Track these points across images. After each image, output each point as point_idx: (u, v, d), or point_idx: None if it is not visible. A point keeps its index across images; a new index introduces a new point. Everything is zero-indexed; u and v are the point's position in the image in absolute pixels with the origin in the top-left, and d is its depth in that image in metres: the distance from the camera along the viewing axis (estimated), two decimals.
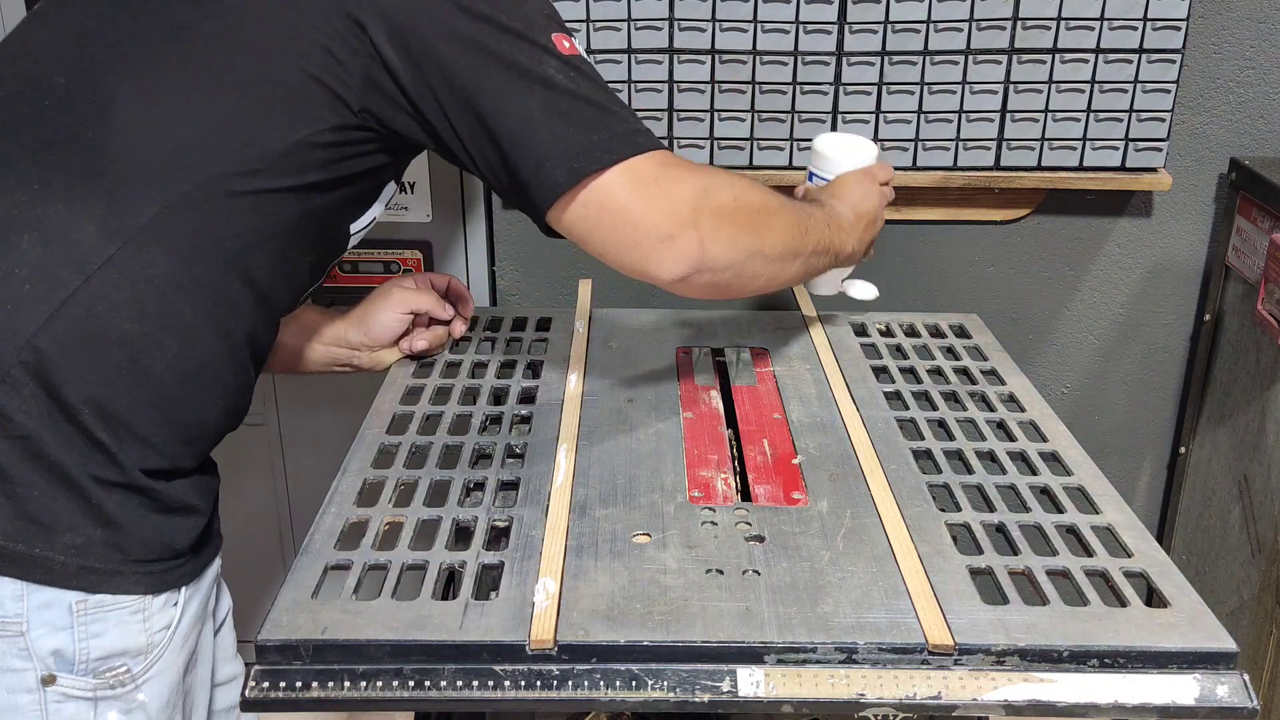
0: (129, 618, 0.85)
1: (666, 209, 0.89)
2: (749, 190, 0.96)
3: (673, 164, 0.91)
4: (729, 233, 0.93)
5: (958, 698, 0.80)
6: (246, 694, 0.81)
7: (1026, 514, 0.99)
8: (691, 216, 0.89)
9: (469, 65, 0.87)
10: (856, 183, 1.19)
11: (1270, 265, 1.46)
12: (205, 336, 0.88)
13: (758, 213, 0.96)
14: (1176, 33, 1.49)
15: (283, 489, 1.81)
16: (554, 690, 0.80)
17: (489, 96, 0.87)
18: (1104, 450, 1.78)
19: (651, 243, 0.89)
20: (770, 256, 0.98)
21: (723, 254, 0.92)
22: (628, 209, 0.89)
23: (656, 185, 0.89)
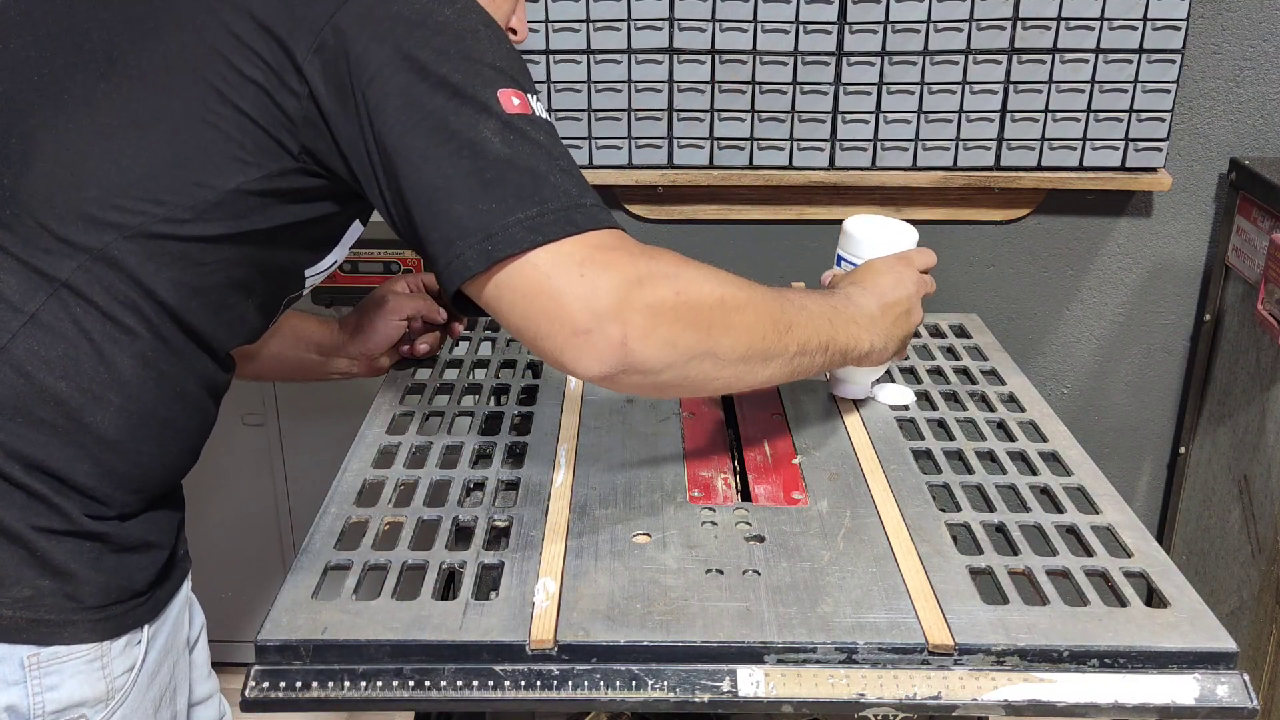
0: (86, 667, 0.82)
1: (586, 300, 0.75)
2: (703, 281, 0.82)
3: (608, 247, 0.78)
4: (665, 331, 0.78)
5: (958, 698, 0.80)
6: (246, 694, 0.81)
7: (1026, 514, 0.99)
8: (615, 310, 0.76)
9: (394, 120, 0.77)
10: (888, 269, 1.04)
11: (1270, 265, 1.46)
12: (149, 387, 0.83)
13: (711, 309, 0.81)
14: (1176, 33, 1.49)
15: (283, 489, 1.81)
16: (554, 690, 0.80)
17: (408, 159, 0.77)
18: (1104, 450, 1.78)
19: (565, 336, 0.76)
20: (726, 359, 0.83)
21: (655, 355, 0.78)
22: (542, 297, 0.76)
23: (579, 271, 0.76)
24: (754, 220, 1.65)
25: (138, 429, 0.83)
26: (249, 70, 0.79)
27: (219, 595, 1.84)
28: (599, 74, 1.53)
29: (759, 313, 0.85)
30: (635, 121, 1.56)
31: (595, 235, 0.78)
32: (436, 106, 0.77)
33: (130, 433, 0.83)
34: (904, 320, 1.03)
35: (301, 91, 0.79)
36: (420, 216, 0.78)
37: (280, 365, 1.22)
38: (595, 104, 1.54)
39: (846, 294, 1.00)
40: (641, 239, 1.79)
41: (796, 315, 0.89)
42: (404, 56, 0.77)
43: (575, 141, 1.57)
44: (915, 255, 1.08)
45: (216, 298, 0.85)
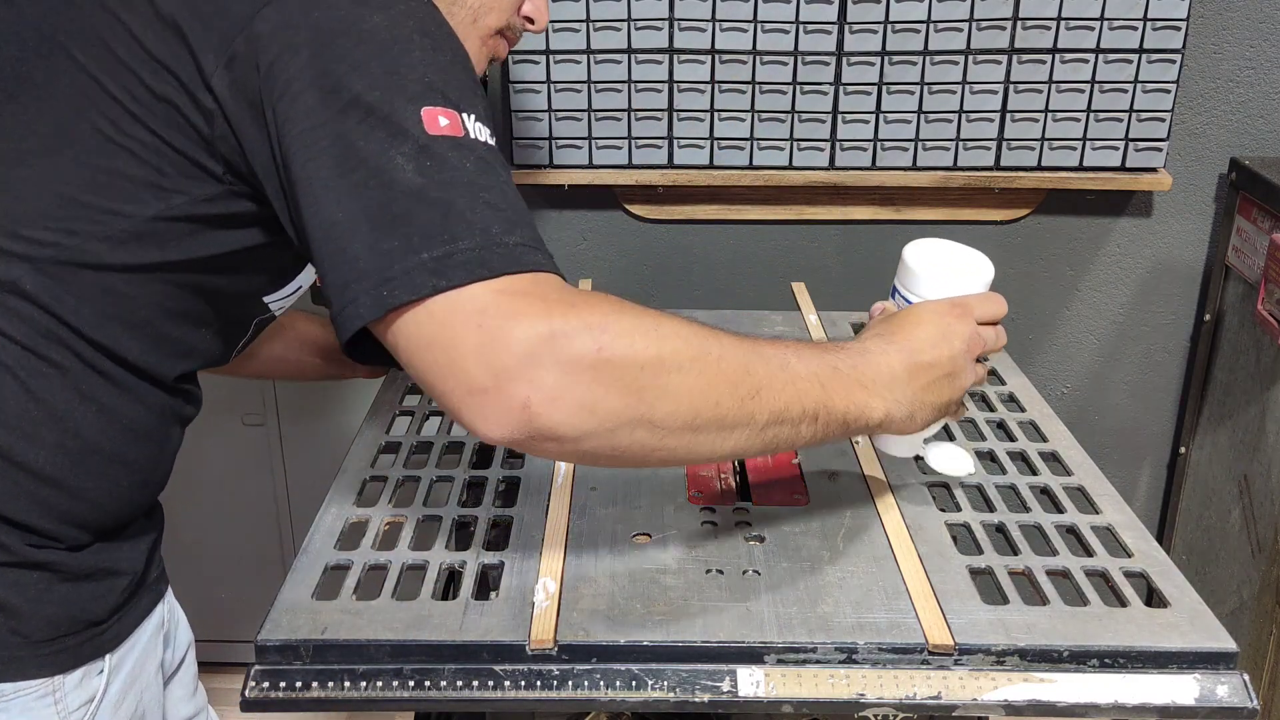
0: (36, 703, 0.77)
1: (486, 354, 0.65)
2: (635, 335, 0.68)
3: (522, 293, 0.66)
4: (581, 394, 0.66)
5: (958, 698, 0.80)
6: (246, 694, 0.81)
7: (1026, 514, 0.99)
8: (519, 367, 0.65)
9: (300, 143, 0.69)
10: (933, 318, 0.85)
11: (1270, 265, 1.46)
12: (89, 422, 0.78)
13: (642, 369, 0.68)
14: (1176, 33, 1.49)
15: (283, 489, 1.81)
16: (554, 690, 0.80)
17: (310, 189, 0.68)
18: (1104, 450, 1.78)
19: (461, 394, 0.66)
20: (667, 427, 0.70)
21: (568, 421, 0.66)
22: (436, 349, 0.66)
23: (482, 321, 0.65)
24: (754, 220, 1.65)
25: (79, 465, 0.78)
26: (159, 87, 0.72)
27: (219, 595, 1.84)
28: (599, 74, 1.53)
29: (710, 375, 0.71)
30: (635, 121, 1.56)
31: (510, 280, 0.67)
32: (346, 129, 0.68)
33: (71, 469, 0.78)
34: (943, 385, 0.83)
35: (213, 109, 0.72)
36: (318, 253, 0.69)
37: (281, 366, 1.21)
38: (595, 104, 1.54)
39: (862, 348, 0.82)
40: (642, 239, 1.78)
41: (770, 377, 0.75)
42: (318, 71, 0.69)
43: (575, 141, 1.57)
44: (977, 303, 0.87)
45: (156, 329, 0.80)
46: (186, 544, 1.80)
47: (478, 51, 0.93)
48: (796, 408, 0.75)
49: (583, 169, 1.58)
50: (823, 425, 0.77)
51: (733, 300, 1.68)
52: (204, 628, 1.83)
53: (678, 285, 1.68)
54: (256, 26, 0.70)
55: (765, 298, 1.68)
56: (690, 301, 1.67)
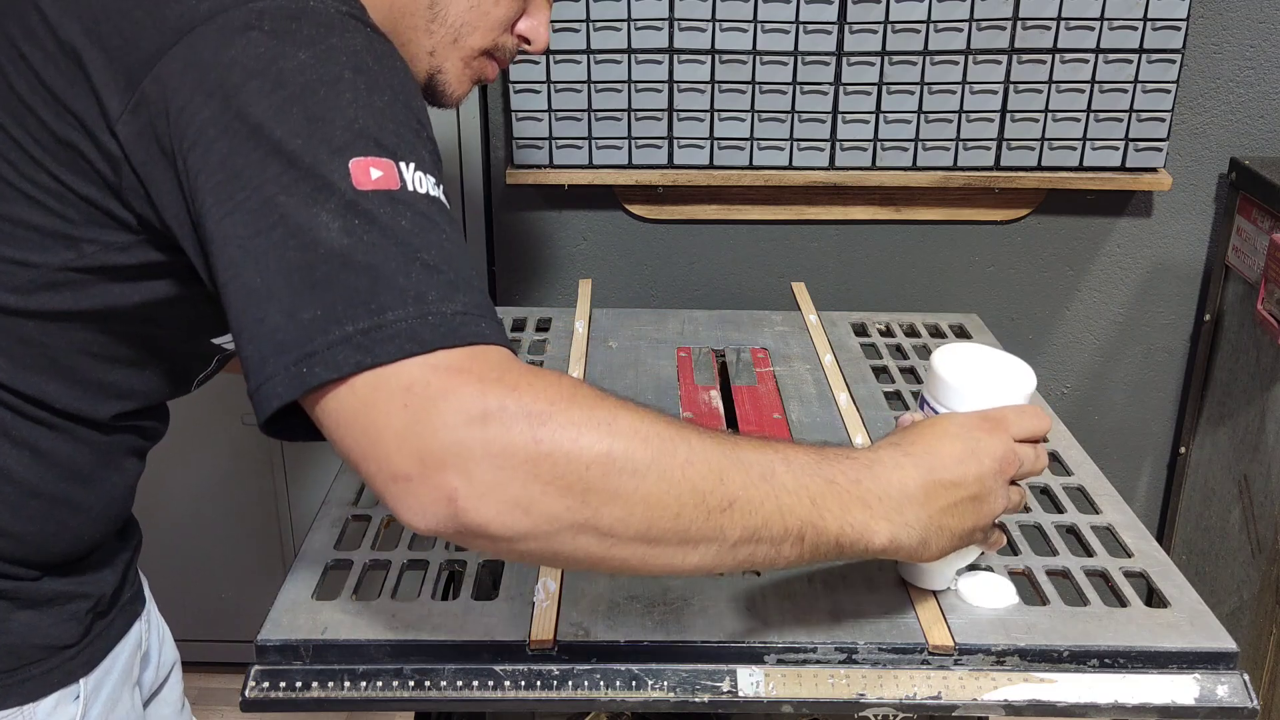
0: None
1: (410, 438, 0.58)
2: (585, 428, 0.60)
3: (456, 370, 0.59)
4: (516, 491, 0.59)
5: (958, 698, 0.80)
6: (246, 694, 0.81)
7: (1026, 514, 0.99)
8: (446, 455, 0.58)
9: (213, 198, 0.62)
10: (961, 432, 0.74)
11: (1270, 265, 1.46)
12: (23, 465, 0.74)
13: (588, 467, 0.60)
14: (1176, 33, 1.49)
15: (283, 489, 1.81)
16: (554, 690, 0.80)
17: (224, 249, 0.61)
18: (1104, 450, 1.78)
19: (385, 480, 0.59)
20: (617, 536, 0.62)
21: (498, 519, 0.59)
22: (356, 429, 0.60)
23: (407, 401, 0.58)
24: (754, 220, 1.65)
25: (18, 510, 0.74)
26: (61, 130, 0.66)
27: (219, 595, 1.84)
28: (599, 74, 1.53)
29: (672, 481, 0.62)
30: (635, 121, 1.56)
31: (444, 355, 0.59)
32: (264, 181, 0.61)
33: (10, 515, 0.74)
34: (966, 509, 0.73)
35: (119, 156, 0.65)
36: (234, 322, 0.62)
37: None
38: (595, 104, 1.54)
39: (872, 458, 0.72)
40: (642, 239, 1.78)
41: (748, 488, 0.65)
42: (234, 114, 0.61)
43: (575, 141, 1.57)
44: (1014, 416, 0.76)
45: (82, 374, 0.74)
46: (186, 544, 1.80)
47: (459, 73, 0.84)
48: (778, 526, 0.66)
49: (583, 169, 1.58)
50: (810, 547, 0.68)
51: (733, 300, 1.68)
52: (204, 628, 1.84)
53: (678, 285, 1.68)
54: (166, 66, 0.62)
55: (765, 298, 1.68)
56: (690, 301, 1.67)
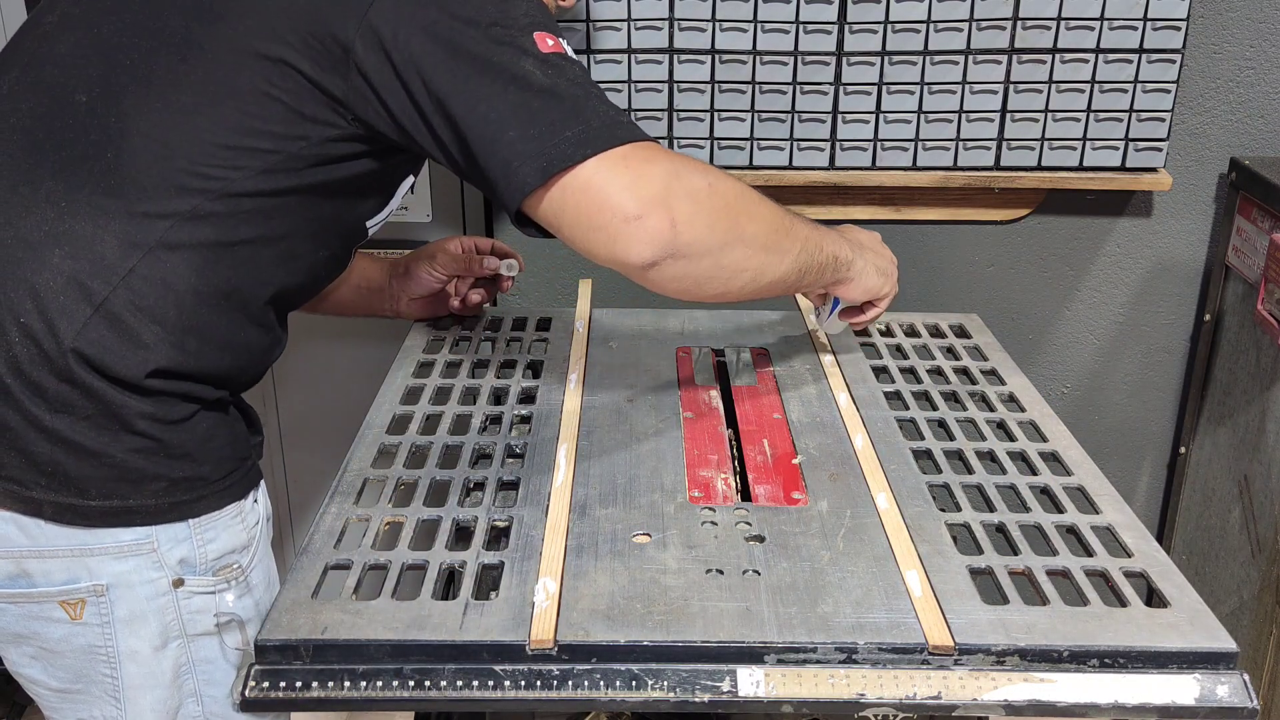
0: (232, 522, 0.98)
1: (634, 189, 0.86)
2: (725, 178, 0.94)
3: (647, 149, 0.89)
4: (705, 217, 0.90)
5: (958, 698, 0.80)
6: (246, 694, 0.81)
7: (1026, 514, 0.99)
8: (661, 196, 0.87)
9: (445, 69, 0.88)
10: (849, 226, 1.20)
11: (1270, 265, 1.46)
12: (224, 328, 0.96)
13: (736, 198, 0.93)
14: (1176, 33, 1.49)
15: (283, 489, 1.81)
16: (554, 690, 0.80)
17: (462, 100, 0.88)
18: (1104, 450, 1.78)
19: (618, 224, 0.86)
20: (753, 246, 0.95)
21: (698, 238, 0.89)
22: (592, 192, 0.87)
23: (625, 167, 0.87)
24: None
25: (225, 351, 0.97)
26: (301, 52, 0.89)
27: None
28: (599, 74, 1.53)
29: (768, 208, 0.98)
30: (635, 121, 1.56)
31: (635, 145, 0.88)
32: (480, 52, 0.88)
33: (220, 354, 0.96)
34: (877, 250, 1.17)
35: (350, 69, 0.89)
36: (479, 149, 0.88)
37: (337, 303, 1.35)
38: None
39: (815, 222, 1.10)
40: None
41: (792, 218, 1.02)
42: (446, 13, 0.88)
43: None
44: None
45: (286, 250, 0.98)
46: None
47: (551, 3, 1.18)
48: (813, 240, 1.04)
49: None
50: (825, 255, 1.06)
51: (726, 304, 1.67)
52: None
53: None
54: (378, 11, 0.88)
55: None
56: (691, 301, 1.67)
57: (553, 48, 0.90)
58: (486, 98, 0.87)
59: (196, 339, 0.93)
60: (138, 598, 0.94)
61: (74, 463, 0.90)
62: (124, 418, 0.91)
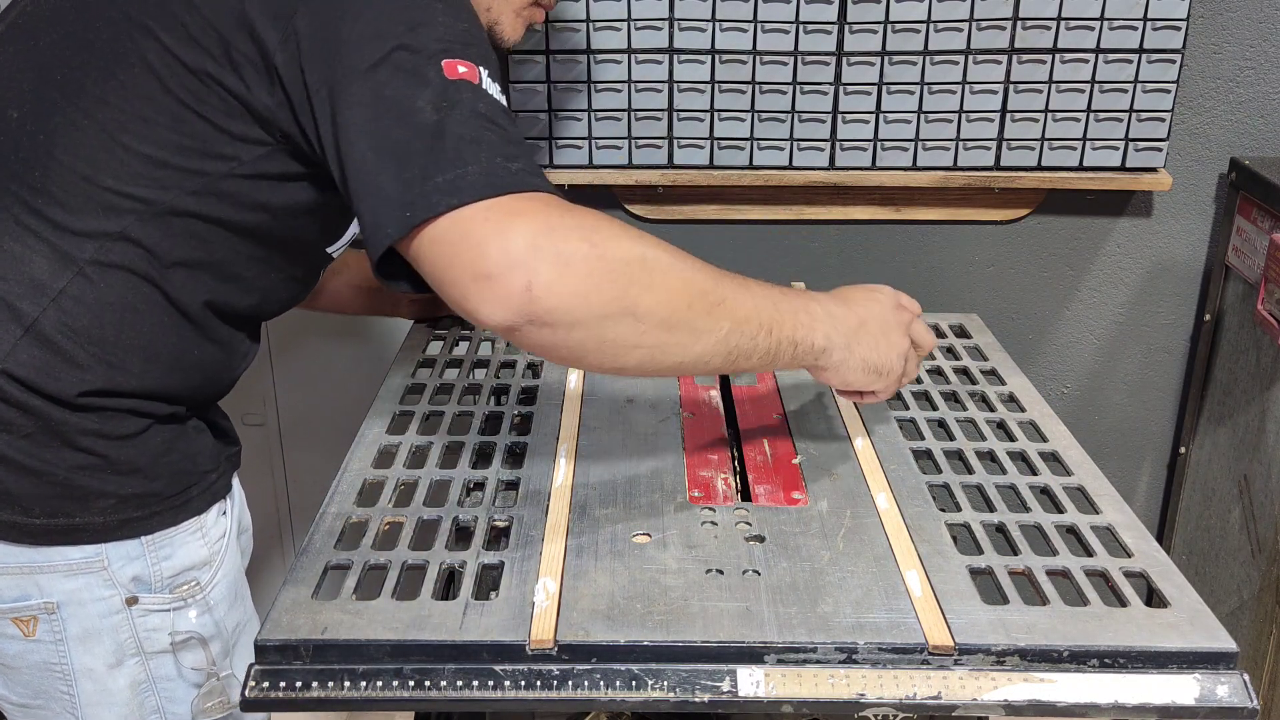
0: (190, 539, 0.96)
1: (490, 245, 0.75)
2: (624, 238, 0.80)
3: (526, 201, 0.78)
4: (576, 283, 0.77)
5: (958, 698, 0.80)
6: (246, 694, 0.81)
7: (1026, 514, 0.99)
8: (522, 256, 0.75)
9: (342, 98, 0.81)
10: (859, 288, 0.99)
11: (1270, 265, 1.46)
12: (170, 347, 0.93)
13: (629, 264, 0.79)
14: (1176, 33, 1.49)
15: (283, 489, 1.81)
16: (554, 690, 0.80)
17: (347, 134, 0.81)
18: (1104, 450, 1.78)
19: (467, 281, 0.76)
20: (647, 322, 0.80)
21: (562, 306, 0.76)
22: (446, 245, 0.77)
23: (486, 220, 0.76)
24: (754, 220, 1.65)
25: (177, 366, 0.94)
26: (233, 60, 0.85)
27: None
28: (599, 74, 1.53)
29: (685, 279, 0.83)
30: (635, 121, 1.56)
31: (516, 197, 0.77)
32: (378, 79, 0.80)
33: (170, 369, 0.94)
34: (878, 339, 0.96)
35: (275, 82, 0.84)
36: (353, 189, 0.81)
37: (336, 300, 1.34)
38: (595, 104, 1.54)
39: (803, 292, 0.96)
40: None
41: (733, 290, 0.86)
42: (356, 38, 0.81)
43: (575, 141, 1.57)
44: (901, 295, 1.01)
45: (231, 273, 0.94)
46: None
47: (513, 22, 1.08)
48: (754, 320, 0.87)
49: (583, 169, 1.58)
50: (775, 340, 0.89)
51: None
52: None
53: None
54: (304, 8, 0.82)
55: None
56: None
57: (462, 75, 0.81)
58: (370, 133, 0.79)
59: (140, 357, 0.91)
60: (90, 615, 0.93)
61: (15, 480, 0.88)
62: (65, 435, 0.88)
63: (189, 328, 0.94)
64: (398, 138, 0.78)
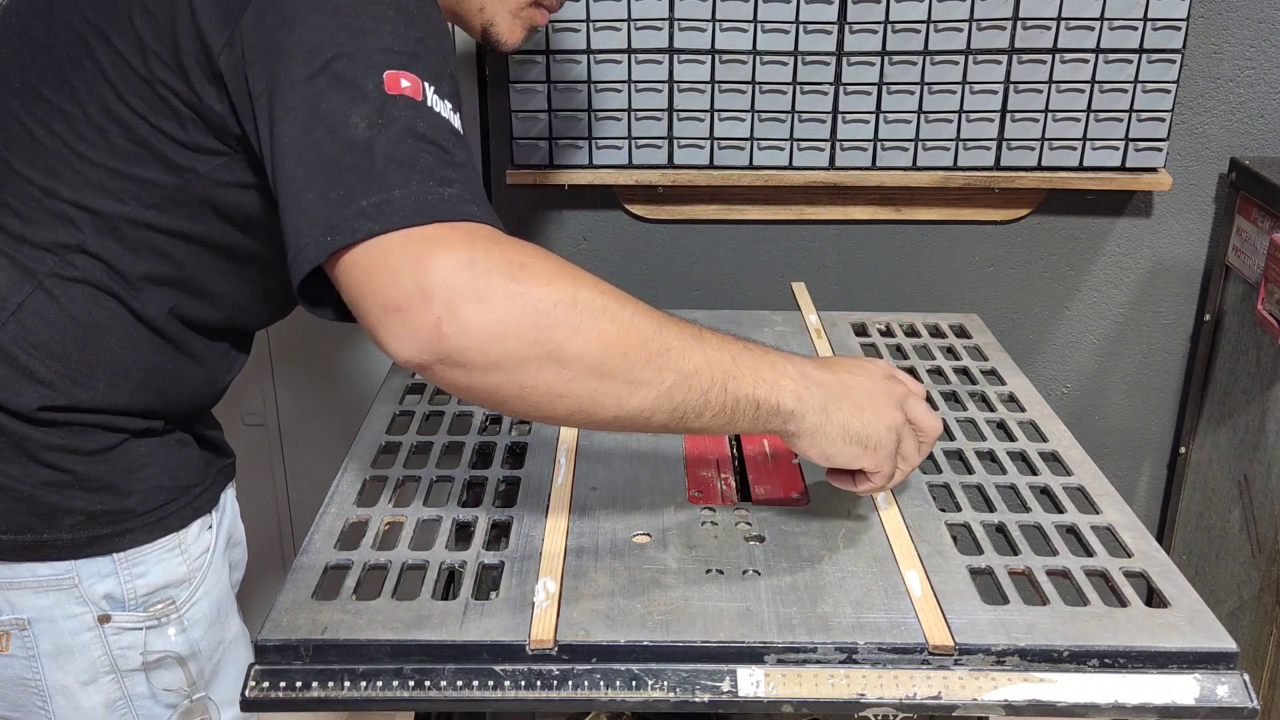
0: (167, 555, 0.93)
1: (403, 276, 0.69)
2: (556, 276, 0.72)
3: (453, 231, 0.71)
4: (493, 324, 0.70)
5: (958, 698, 0.80)
6: (246, 694, 0.81)
7: (1026, 514, 0.99)
8: (437, 290, 0.69)
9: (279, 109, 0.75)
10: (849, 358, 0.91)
11: (1270, 265, 1.46)
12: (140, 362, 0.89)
13: (556, 305, 0.72)
14: (1176, 33, 1.49)
15: (283, 489, 1.81)
16: (554, 690, 0.80)
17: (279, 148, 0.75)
18: (1104, 450, 1.78)
19: (377, 312, 0.70)
20: (574, 370, 0.72)
21: (475, 347, 0.70)
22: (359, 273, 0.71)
23: (403, 249, 0.70)
24: (754, 220, 1.65)
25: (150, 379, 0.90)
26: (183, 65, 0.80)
27: None
28: (599, 74, 1.53)
29: (622, 325, 0.74)
30: (635, 121, 1.56)
31: (441, 225, 0.71)
32: (314, 92, 0.74)
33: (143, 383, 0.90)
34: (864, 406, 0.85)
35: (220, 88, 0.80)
36: (281, 205, 0.75)
37: None
38: (595, 104, 1.54)
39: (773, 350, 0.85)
40: (642, 239, 1.78)
41: (682, 339, 0.77)
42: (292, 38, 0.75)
43: (575, 141, 1.57)
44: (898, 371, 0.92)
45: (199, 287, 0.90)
46: None
47: (510, 24, 1.01)
48: (705, 375, 0.78)
49: (583, 169, 1.58)
50: (732, 397, 0.79)
51: (733, 300, 1.68)
52: None
53: (678, 285, 1.68)
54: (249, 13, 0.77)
55: (765, 298, 1.68)
56: (690, 301, 1.67)
57: (403, 90, 0.74)
58: (301, 147, 0.73)
59: (107, 373, 0.87)
60: (61, 632, 0.90)
61: None
62: (30, 450, 0.86)
63: (160, 343, 0.90)
64: (327, 154, 0.72)
